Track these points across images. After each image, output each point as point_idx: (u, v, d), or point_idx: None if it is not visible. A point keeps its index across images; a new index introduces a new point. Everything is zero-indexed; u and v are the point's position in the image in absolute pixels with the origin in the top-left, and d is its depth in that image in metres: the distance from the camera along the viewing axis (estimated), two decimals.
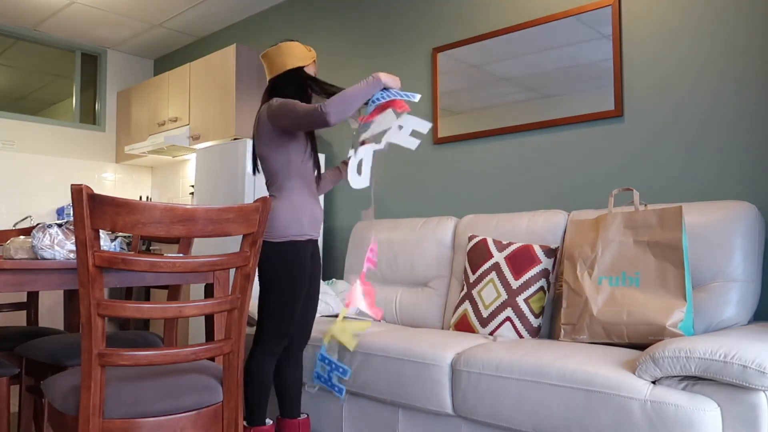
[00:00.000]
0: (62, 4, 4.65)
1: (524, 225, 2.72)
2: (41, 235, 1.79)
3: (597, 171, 2.83)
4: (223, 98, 4.42)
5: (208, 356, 1.50)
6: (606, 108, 2.79)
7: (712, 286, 2.17)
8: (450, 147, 3.42)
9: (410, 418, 2.27)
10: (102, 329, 1.37)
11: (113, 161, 5.63)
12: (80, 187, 1.31)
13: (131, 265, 1.37)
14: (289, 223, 2.27)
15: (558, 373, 1.85)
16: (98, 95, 5.66)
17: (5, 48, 5.24)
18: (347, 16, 4.08)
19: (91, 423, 1.36)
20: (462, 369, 2.08)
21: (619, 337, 2.11)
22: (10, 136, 5.04)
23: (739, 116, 2.45)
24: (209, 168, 3.92)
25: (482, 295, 2.55)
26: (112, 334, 2.24)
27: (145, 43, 5.52)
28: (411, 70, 3.65)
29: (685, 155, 2.58)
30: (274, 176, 2.34)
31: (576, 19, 2.91)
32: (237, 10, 4.78)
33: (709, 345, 1.61)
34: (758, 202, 2.37)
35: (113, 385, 1.46)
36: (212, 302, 1.51)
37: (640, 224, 2.22)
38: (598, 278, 2.24)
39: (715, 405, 1.60)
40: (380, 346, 2.35)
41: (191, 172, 5.32)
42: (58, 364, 1.99)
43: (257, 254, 1.59)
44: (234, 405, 1.57)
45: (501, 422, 1.97)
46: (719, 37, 2.51)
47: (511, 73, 3.15)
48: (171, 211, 1.39)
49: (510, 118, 3.14)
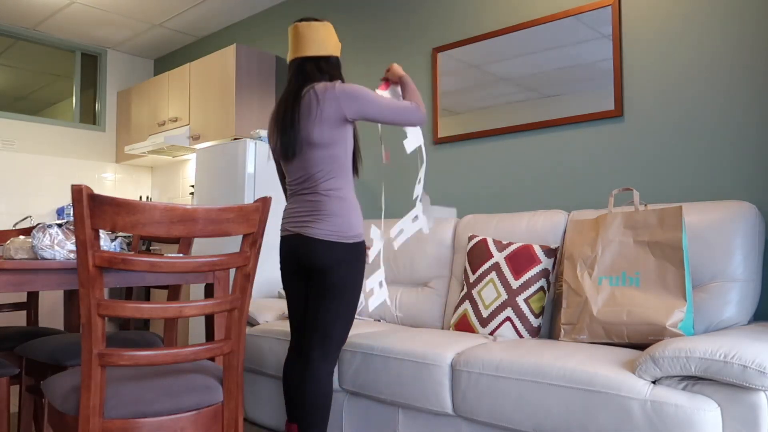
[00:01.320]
0: (62, 4, 4.65)
1: (524, 225, 2.72)
2: (41, 235, 1.79)
3: (597, 171, 2.83)
4: (223, 98, 4.42)
5: (208, 356, 1.50)
6: (606, 108, 2.79)
7: (712, 286, 2.17)
8: (450, 147, 3.42)
9: (410, 418, 2.27)
10: (102, 329, 1.37)
11: (113, 161, 5.63)
12: (80, 187, 1.31)
13: (131, 265, 1.37)
14: (359, 219, 2.09)
15: (558, 373, 1.85)
16: (98, 95, 5.66)
17: (5, 48, 5.24)
18: (347, 16, 4.08)
19: (91, 423, 1.36)
20: (462, 369, 2.08)
21: (619, 337, 2.11)
22: (10, 136, 5.05)
23: (739, 116, 2.45)
24: (209, 168, 3.92)
25: (482, 295, 2.55)
26: (112, 334, 2.24)
27: (145, 43, 5.52)
28: (411, 70, 3.65)
29: (685, 155, 2.58)
30: (332, 165, 2.06)
31: (576, 19, 2.91)
32: (237, 10, 4.78)
33: (709, 345, 1.61)
34: (758, 202, 2.37)
35: (113, 385, 1.46)
36: (212, 302, 1.51)
37: (640, 224, 2.22)
38: (598, 278, 2.24)
39: (715, 405, 1.60)
40: (380, 346, 2.35)
41: (191, 172, 5.32)
42: (58, 364, 1.99)
43: (257, 254, 1.59)
44: (234, 405, 1.57)
45: (501, 422, 1.97)
46: (719, 37, 2.51)
47: (511, 73, 3.15)
48: (171, 211, 1.39)
49: (510, 118, 3.14)
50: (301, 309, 2.18)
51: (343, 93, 2.04)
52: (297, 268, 2.13)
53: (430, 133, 3.51)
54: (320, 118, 2.02)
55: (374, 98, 2.07)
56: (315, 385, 2.03)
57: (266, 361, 2.76)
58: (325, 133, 2.03)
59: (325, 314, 2.04)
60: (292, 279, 2.18)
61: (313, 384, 2.03)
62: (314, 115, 2.02)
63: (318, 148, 2.05)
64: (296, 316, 2.19)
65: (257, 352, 2.81)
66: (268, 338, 2.77)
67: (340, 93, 2.03)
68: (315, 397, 2.02)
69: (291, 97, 2.10)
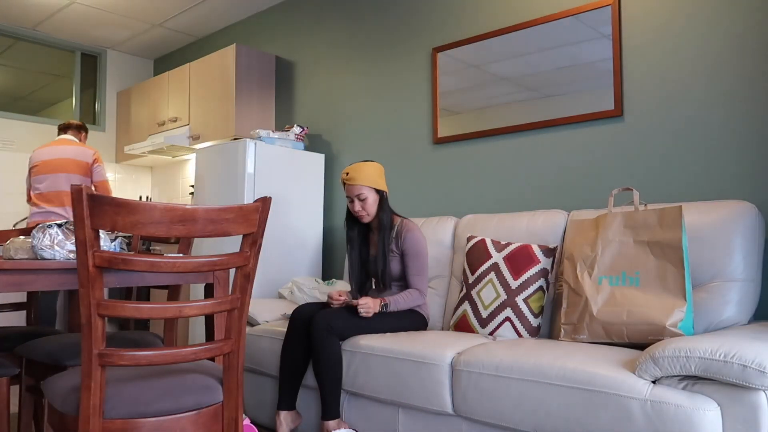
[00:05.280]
0: (62, 4, 4.65)
1: (524, 225, 2.72)
2: (41, 235, 1.79)
3: (597, 171, 2.83)
4: (223, 98, 4.42)
5: (208, 356, 1.50)
6: (606, 108, 2.79)
7: (712, 286, 2.17)
8: (450, 147, 3.42)
9: (410, 418, 2.27)
10: (102, 329, 1.37)
11: (113, 161, 5.63)
12: (80, 187, 1.31)
13: (131, 265, 1.37)
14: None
15: (558, 373, 1.85)
16: (98, 95, 5.66)
17: (5, 48, 5.24)
18: (347, 16, 4.08)
19: (91, 423, 1.36)
20: (462, 369, 2.08)
21: (619, 336, 2.11)
22: (10, 136, 5.05)
23: (740, 116, 2.45)
24: (209, 168, 3.92)
25: (481, 295, 2.55)
26: (112, 334, 2.24)
27: (145, 43, 5.52)
28: (411, 70, 3.65)
29: (685, 155, 2.58)
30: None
31: (576, 18, 2.91)
32: (237, 10, 4.78)
33: (709, 345, 1.61)
34: (758, 202, 2.36)
35: (113, 385, 1.46)
36: (212, 302, 1.51)
37: (640, 224, 2.22)
38: (598, 278, 2.24)
39: (715, 405, 1.60)
40: (380, 346, 2.35)
41: (191, 172, 5.32)
42: (58, 365, 1.99)
43: (257, 254, 1.59)
44: (234, 405, 1.57)
45: (501, 422, 1.97)
46: (719, 37, 2.51)
47: (511, 73, 3.15)
48: (171, 211, 1.39)
49: (510, 118, 3.14)
50: None
51: (416, 239, 2.73)
52: None
53: (430, 133, 3.51)
54: (402, 253, 2.75)
55: (424, 263, 2.73)
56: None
57: (266, 361, 2.76)
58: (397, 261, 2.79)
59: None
60: None
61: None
62: (401, 251, 2.77)
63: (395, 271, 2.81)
64: None
65: (257, 352, 2.81)
66: (268, 338, 2.77)
67: (417, 240, 2.74)
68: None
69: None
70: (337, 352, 2.41)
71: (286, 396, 2.53)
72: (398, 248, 2.70)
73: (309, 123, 4.28)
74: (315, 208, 3.98)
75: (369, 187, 2.69)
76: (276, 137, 3.87)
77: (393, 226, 2.74)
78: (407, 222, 2.74)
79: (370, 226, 2.82)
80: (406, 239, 2.67)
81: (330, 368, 2.37)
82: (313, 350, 2.41)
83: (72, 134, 4.19)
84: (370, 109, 3.88)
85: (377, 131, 3.83)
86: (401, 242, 2.68)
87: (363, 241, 2.83)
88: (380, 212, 2.72)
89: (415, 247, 2.66)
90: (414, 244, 2.66)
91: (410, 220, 2.77)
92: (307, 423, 2.62)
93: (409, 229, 2.69)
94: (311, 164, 3.98)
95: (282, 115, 4.53)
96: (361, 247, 2.82)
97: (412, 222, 2.75)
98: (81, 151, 4.02)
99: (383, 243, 2.69)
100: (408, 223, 2.73)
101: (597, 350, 1.99)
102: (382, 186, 2.73)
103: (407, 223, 2.73)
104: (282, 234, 3.78)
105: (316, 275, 3.95)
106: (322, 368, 2.37)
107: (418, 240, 2.68)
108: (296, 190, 3.88)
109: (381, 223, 2.72)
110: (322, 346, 2.37)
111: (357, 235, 2.83)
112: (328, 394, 2.36)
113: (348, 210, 2.80)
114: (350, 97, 4.02)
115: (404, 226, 2.71)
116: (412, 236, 2.67)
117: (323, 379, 2.37)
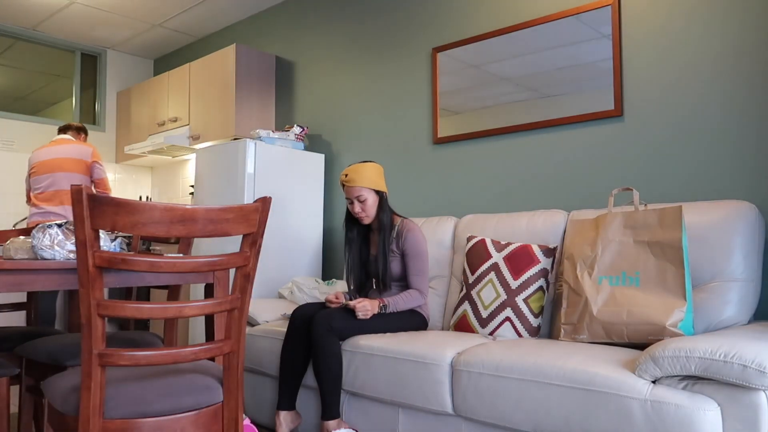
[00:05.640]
0: (62, 4, 4.65)
1: (524, 225, 2.72)
2: (41, 235, 1.79)
3: (597, 171, 2.83)
4: (222, 98, 4.42)
5: (208, 356, 1.50)
6: (606, 108, 2.79)
7: (712, 286, 2.17)
8: (450, 147, 3.42)
9: (410, 418, 2.27)
10: (102, 329, 1.37)
11: (113, 161, 5.63)
12: (80, 187, 1.31)
13: (131, 265, 1.37)
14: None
15: (558, 373, 1.85)
16: (98, 95, 5.66)
17: (5, 48, 5.24)
18: (347, 16, 4.08)
19: (91, 423, 1.36)
20: (462, 369, 2.08)
21: (619, 336, 2.11)
22: (10, 136, 5.05)
23: (740, 116, 2.45)
24: (209, 168, 3.92)
25: (481, 295, 2.55)
26: (112, 334, 2.24)
27: (145, 43, 5.52)
28: (411, 70, 3.65)
29: (685, 155, 2.58)
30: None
31: (576, 19, 2.91)
32: (237, 10, 4.78)
33: (709, 344, 1.61)
34: (758, 202, 2.36)
35: (113, 385, 1.46)
36: (212, 302, 1.51)
37: (640, 224, 2.22)
38: (598, 278, 2.24)
39: (716, 404, 1.60)
40: (380, 346, 2.35)
41: (191, 172, 5.32)
42: (58, 365, 1.99)
43: (257, 254, 1.59)
44: (234, 405, 1.57)
45: (501, 422, 1.97)
46: (719, 37, 2.51)
47: (511, 73, 3.15)
48: (171, 211, 1.39)
49: (510, 118, 3.14)
50: None
51: (417, 239, 2.75)
52: None
53: (430, 133, 3.51)
54: (402, 253, 2.77)
55: (425, 261, 2.74)
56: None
57: (266, 361, 2.76)
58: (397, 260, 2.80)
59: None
60: None
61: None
62: (401, 251, 2.77)
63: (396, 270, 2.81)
64: None
65: (257, 352, 2.81)
66: (268, 338, 2.77)
67: (418, 238, 2.76)
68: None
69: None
70: (337, 352, 2.41)
71: (285, 396, 2.53)
72: (399, 248, 2.70)
73: (309, 123, 4.28)
74: (315, 209, 3.98)
75: (368, 188, 2.69)
76: (276, 137, 3.87)
77: (393, 226, 2.74)
78: (407, 222, 2.74)
79: (370, 227, 2.82)
80: (407, 239, 2.67)
81: (330, 368, 2.37)
82: (313, 350, 2.41)
83: (71, 135, 4.19)
84: (370, 109, 3.88)
85: (377, 131, 3.83)
86: (402, 242, 2.68)
87: (363, 241, 2.83)
88: (380, 213, 2.72)
89: (415, 248, 2.66)
90: (414, 244, 2.66)
91: (410, 220, 2.76)
92: (307, 423, 2.62)
93: (409, 230, 2.69)
94: (311, 164, 3.99)
95: (282, 115, 4.53)
96: (362, 248, 2.82)
97: (412, 222, 2.75)
98: (79, 149, 4.02)
99: (383, 243, 2.69)
100: (408, 223, 2.73)
101: (597, 350, 1.99)
102: (381, 187, 2.72)
103: (407, 223, 2.72)
104: (282, 234, 3.78)
105: (316, 275, 3.95)
106: (322, 368, 2.37)
107: (419, 240, 2.68)
108: (296, 190, 3.88)
109: (381, 223, 2.72)
110: (322, 346, 2.37)
111: (357, 235, 2.83)
112: (328, 394, 2.36)
113: (347, 211, 2.80)
114: (350, 97, 4.02)
115: (404, 226, 2.71)
116: (413, 236, 2.67)
117: (323, 379, 2.37)
